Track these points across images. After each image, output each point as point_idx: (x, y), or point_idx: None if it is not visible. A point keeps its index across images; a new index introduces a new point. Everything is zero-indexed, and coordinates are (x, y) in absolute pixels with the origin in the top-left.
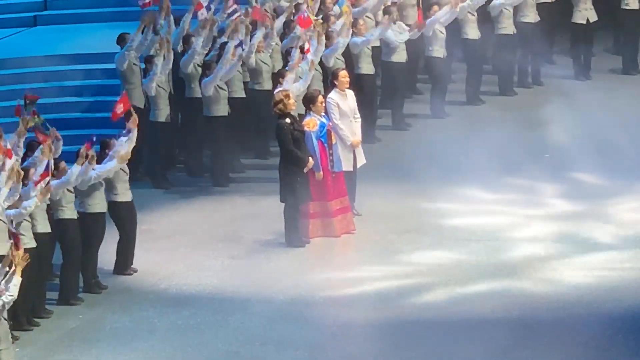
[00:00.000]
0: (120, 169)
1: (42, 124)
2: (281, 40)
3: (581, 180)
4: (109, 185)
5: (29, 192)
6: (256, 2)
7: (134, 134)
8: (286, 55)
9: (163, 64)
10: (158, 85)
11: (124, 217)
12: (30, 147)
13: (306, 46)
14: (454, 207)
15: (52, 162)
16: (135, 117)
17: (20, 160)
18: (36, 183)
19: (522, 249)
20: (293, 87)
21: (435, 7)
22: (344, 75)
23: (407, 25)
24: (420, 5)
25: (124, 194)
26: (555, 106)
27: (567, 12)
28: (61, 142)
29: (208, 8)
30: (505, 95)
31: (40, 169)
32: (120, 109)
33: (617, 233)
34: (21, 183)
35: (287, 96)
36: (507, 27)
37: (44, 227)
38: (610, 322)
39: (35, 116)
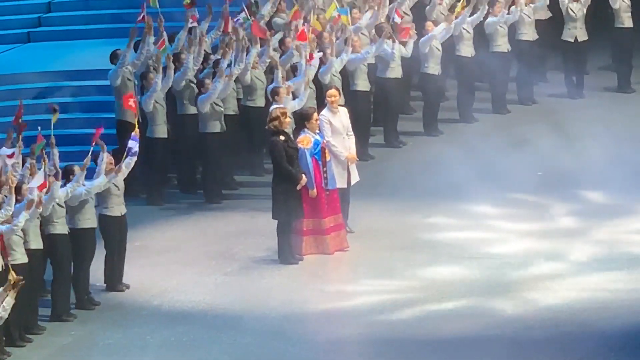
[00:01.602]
0: (114, 183)
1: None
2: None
3: (574, 199)
4: (101, 199)
5: (22, 209)
6: (254, 18)
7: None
8: (270, 73)
9: (163, 80)
10: (156, 102)
11: (111, 232)
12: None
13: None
14: (447, 224)
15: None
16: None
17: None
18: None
19: (515, 267)
20: (289, 105)
21: (430, 24)
22: (330, 95)
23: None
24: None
25: (115, 208)
26: (549, 124)
27: (561, 29)
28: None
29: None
30: (498, 113)
31: (37, 180)
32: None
33: (609, 252)
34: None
35: (284, 114)
36: (501, 45)
37: (37, 243)
38: (603, 340)
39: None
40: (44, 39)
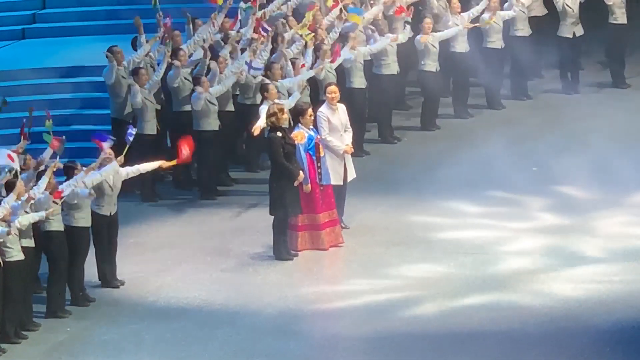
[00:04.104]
0: (108, 183)
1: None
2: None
3: (569, 194)
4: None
5: (18, 209)
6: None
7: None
8: (266, 70)
9: (152, 76)
10: (145, 98)
11: (100, 229)
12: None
13: (301, 61)
14: (442, 220)
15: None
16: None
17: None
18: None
19: (510, 263)
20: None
21: (428, 20)
22: (330, 91)
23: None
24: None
25: (105, 208)
26: (543, 120)
27: (556, 25)
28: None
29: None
30: (493, 109)
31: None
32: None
33: (604, 246)
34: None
35: (281, 110)
36: (495, 41)
37: (28, 241)
38: (598, 335)
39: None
40: (39, 35)
